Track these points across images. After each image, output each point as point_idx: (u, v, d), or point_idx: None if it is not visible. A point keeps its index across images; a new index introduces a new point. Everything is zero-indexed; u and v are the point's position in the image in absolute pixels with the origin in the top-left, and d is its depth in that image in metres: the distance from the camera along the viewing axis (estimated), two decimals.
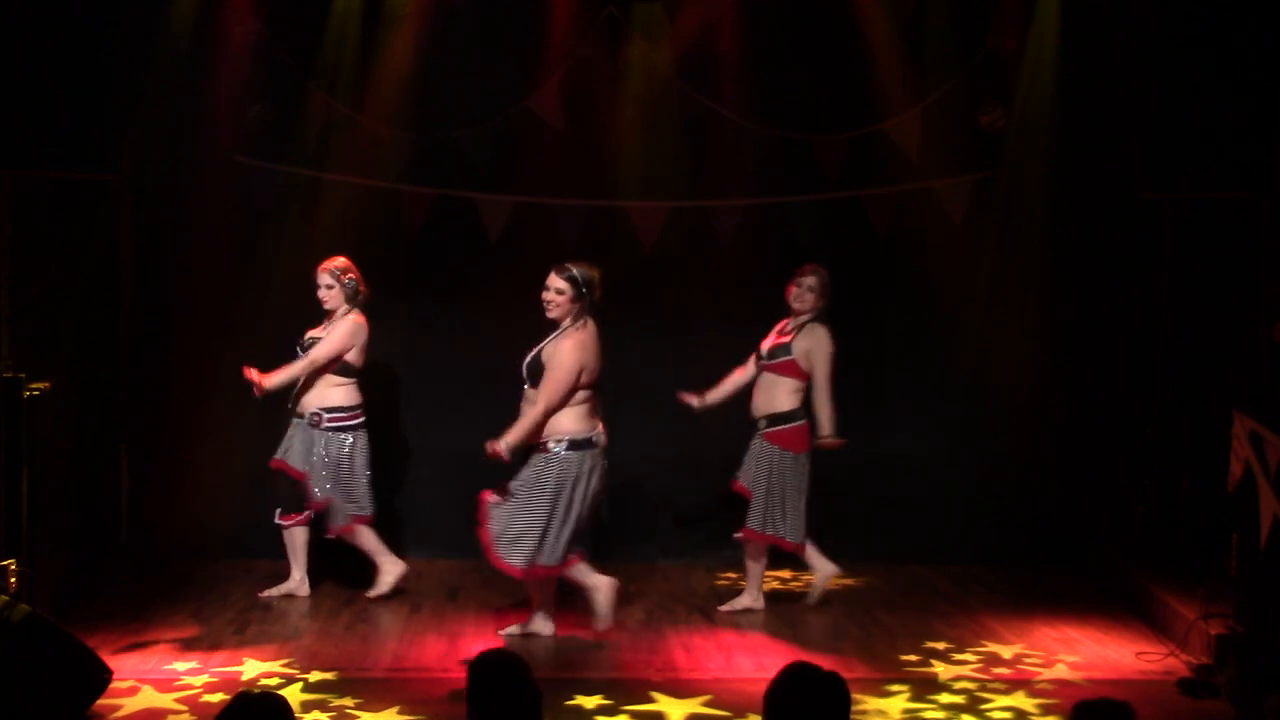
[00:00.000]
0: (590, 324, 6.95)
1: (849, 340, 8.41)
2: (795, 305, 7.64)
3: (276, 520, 7.79)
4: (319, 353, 7.64)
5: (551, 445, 6.87)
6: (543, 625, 7.18)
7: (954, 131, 8.62)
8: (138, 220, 8.57)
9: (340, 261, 7.73)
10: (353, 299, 7.74)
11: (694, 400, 7.78)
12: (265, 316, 8.36)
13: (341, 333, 7.66)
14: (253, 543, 8.46)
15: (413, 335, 8.58)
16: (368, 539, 7.80)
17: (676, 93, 8.58)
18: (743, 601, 7.77)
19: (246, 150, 8.42)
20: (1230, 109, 7.36)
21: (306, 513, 7.74)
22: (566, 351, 6.83)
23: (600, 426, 6.97)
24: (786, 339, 7.61)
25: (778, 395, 7.60)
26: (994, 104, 8.58)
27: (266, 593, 7.83)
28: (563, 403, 6.82)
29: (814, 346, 7.57)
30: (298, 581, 7.85)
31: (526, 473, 6.91)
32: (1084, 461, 8.77)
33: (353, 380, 7.74)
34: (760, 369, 7.68)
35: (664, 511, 8.80)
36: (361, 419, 7.75)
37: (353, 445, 7.70)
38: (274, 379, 7.56)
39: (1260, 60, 7.30)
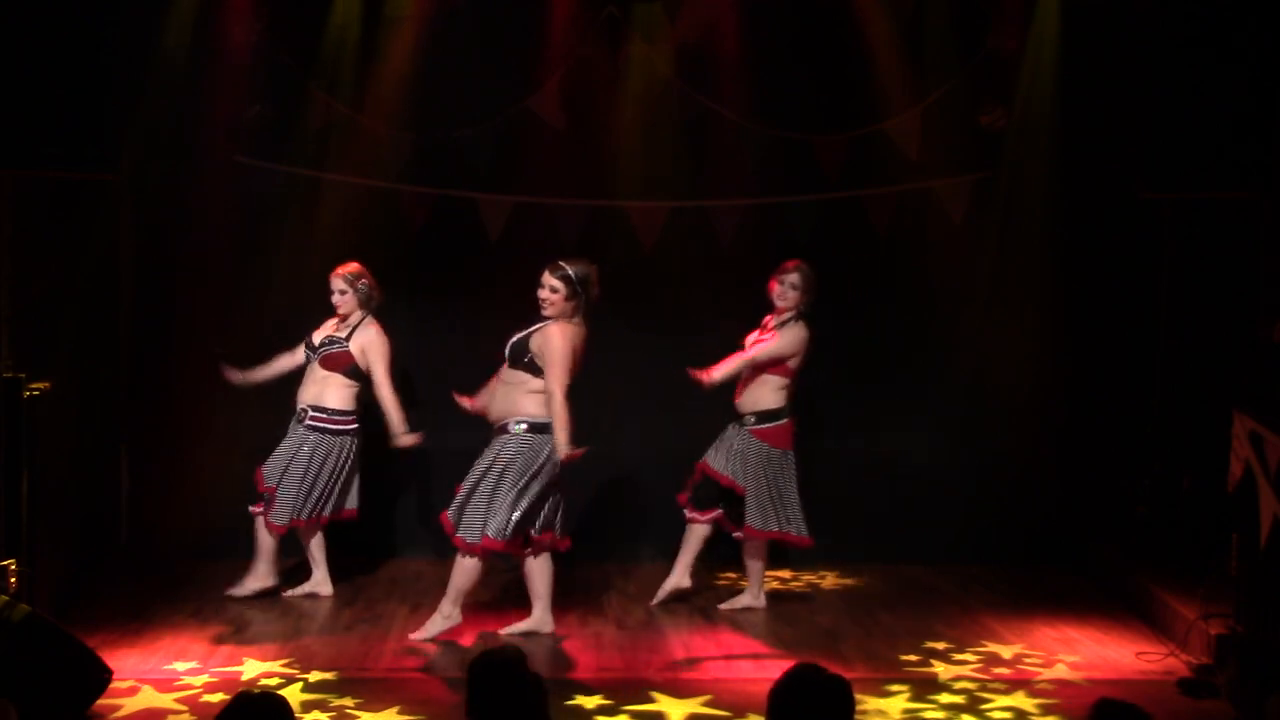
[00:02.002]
0: (581, 324, 6.97)
1: (849, 340, 8.46)
2: (779, 303, 7.63)
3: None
4: (379, 377, 7.66)
5: (511, 426, 6.97)
6: (541, 622, 7.18)
7: (954, 131, 8.62)
8: (138, 220, 8.57)
9: (354, 267, 7.75)
10: (366, 304, 7.76)
11: (705, 376, 7.68)
12: (265, 316, 8.37)
13: (381, 346, 7.71)
14: (253, 543, 8.45)
15: (412, 335, 8.57)
16: (316, 543, 7.86)
17: (676, 93, 8.57)
18: (743, 600, 7.77)
19: (246, 150, 8.42)
20: (1230, 109, 7.36)
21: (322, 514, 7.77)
22: (556, 335, 6.92)
23: None
24: (769, 337, 7.60)
25: (764, 392, 7.60)
26: (994, 104, 8.57)
27: (289, 592, 7.85)
28: (564, 385, 6.86)
29: (785, 331, 7.56)
30: (318, 581, 7.87)
31: (486, 453, 7.00)
32: (1084, 461, 8.77)
33: (357, 385, 7.76)
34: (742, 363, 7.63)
35: (664, 511, 8.78)
36: (356, 425, 7.78)
37: (339, 449, 7.71)
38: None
39: (1260, 60, 7.30)
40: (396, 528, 8.75)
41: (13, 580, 6.38)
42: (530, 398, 6.96)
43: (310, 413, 7.70)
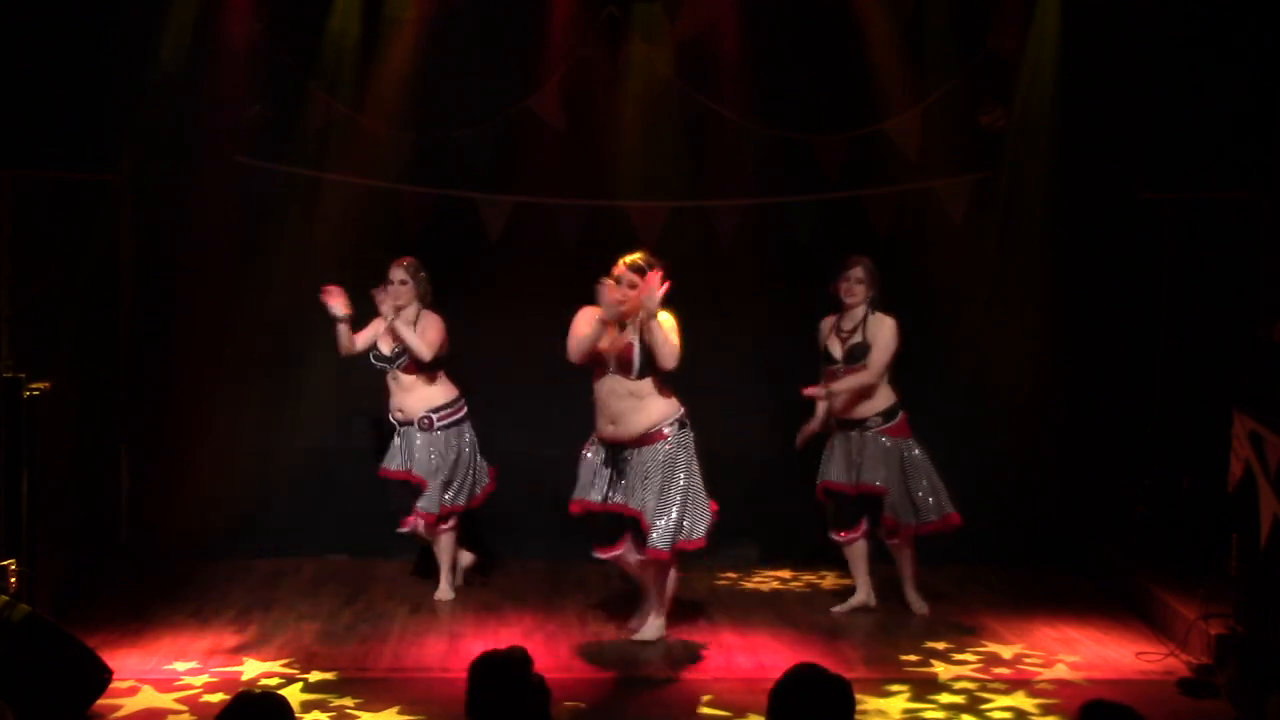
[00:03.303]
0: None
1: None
2: (847, 299, 7.62)
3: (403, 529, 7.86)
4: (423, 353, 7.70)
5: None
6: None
7: (954, 131, 8.62)
8: (138, 220, 8.56)
9: (412, 259, 7.80)
10: (424, 297, 7.82)
11: (819, 392, 7.62)
12: (265, 316, 8.37)
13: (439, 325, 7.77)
14: (253, 543, 8.47)
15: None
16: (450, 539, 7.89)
17: (676, 93, 8.57)
18: (859, 599, 7.78)
19: (246, 150, 8.42)
20: (1230, 109, 7.35)
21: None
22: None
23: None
24: (857, 337, 7.57)
25: (877, 393, 7.60)
26: (994, 104, 8.58)
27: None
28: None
29: (878, 329, 7.57)
30: (444, 585, 7.90)
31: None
32: (1084, 461, 8.77)
33: (441, 370, 7.83)
34: (843, 372, 7.59)
35: None
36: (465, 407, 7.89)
37: (469, 433, 7.84)
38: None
39: (1260, 60, 7.30)
40: (395, 527, 8.74)
41: (13, 580, 6.38)
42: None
43: (434, 418, 7.73)
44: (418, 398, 7.75)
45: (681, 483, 6.89)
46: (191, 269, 8.50)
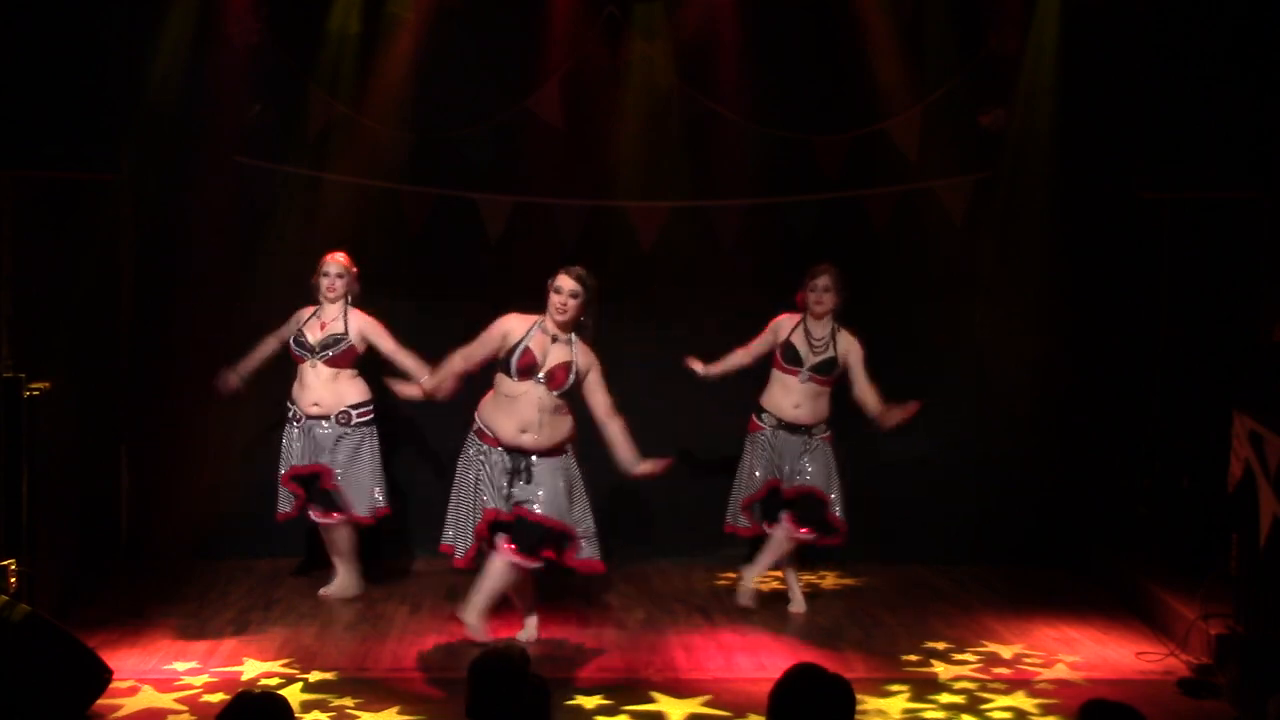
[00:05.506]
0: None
1: None
2: (816, 309, 7.64)
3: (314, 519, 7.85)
4: (391, 348, 7.75)
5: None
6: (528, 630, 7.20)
7: (954, 131, 8.62)
8: (138, 220, 8.57)
9: (346, 254, 7.82)
10: (355, 292, 7.85)
11: (699, 366, 7.72)
12: (265, 316, 8.36)
13: (377, 324, 7.82)
14: (253, 543, 8.47)
15: (412, 336, 8.55)
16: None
17: (676, 93, 8.58)
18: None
19: (246, 150, 8.42)
20: (1230, 109, 7.36)
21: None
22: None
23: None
24: (830, 352, 7.62)
25: (823, 403, 7.69)
26: (994, 104, 8.58)
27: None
28: None
29: (849, 348, 7.64)
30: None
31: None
32: (1084, 461, 8.77)
33: (358, 372, 7.85)
34: (807, 379, 7.62)
35: (663, 511, 8.80)
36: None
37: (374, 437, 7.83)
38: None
39: (1260, 60, 7.30)
40: (396, 527, 8.74)
41: (13, 580, 6.38)
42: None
43: (353, 414, 7.74)
44: (336, 392, 7.75)
45: (583, 497, 6.96)
46: (191, 269, 8.49)
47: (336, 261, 7.78)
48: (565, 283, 6.87)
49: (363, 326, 7.77)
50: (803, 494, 7.64)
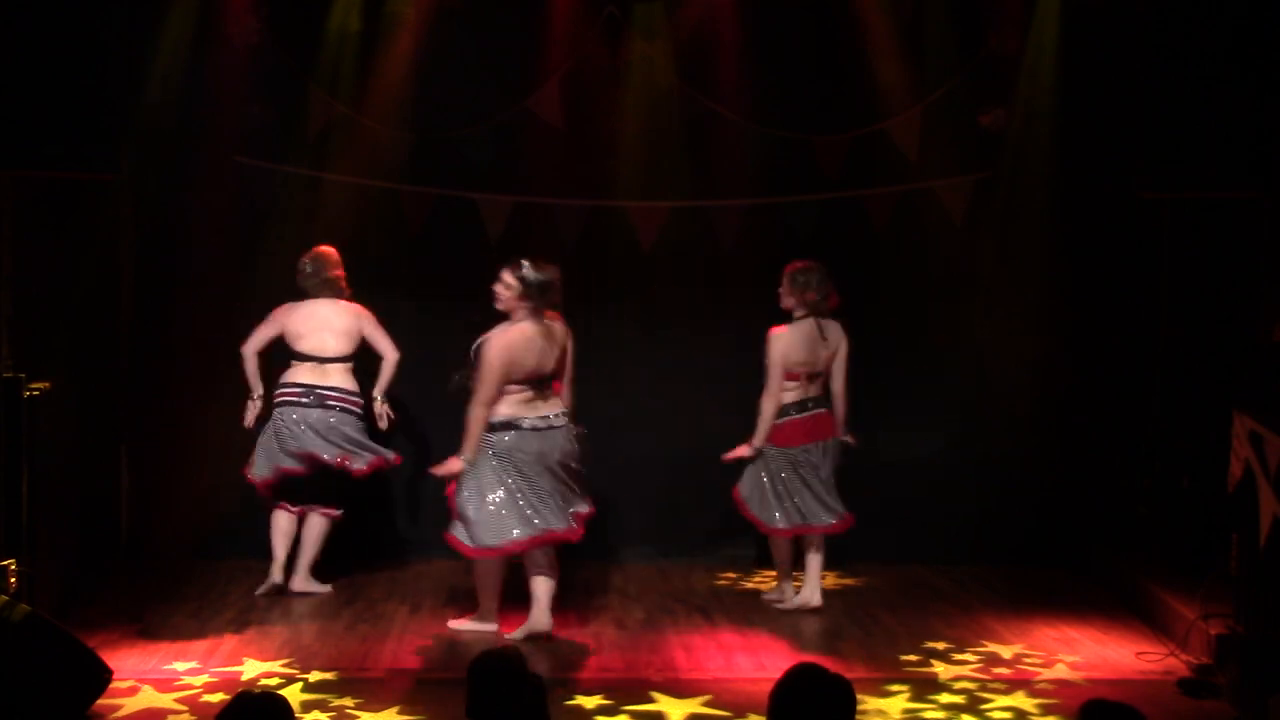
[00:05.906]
0: (528, 324, 6.96)
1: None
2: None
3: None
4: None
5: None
6: (485, 623, 7.19)
7: (954, 131, 8.63)
8: (138, 220, 8.57)
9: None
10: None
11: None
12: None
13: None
14: (252, 543, 8.46)
15: (413, 335, 8.56)
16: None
17: (676, 93, 8.58)
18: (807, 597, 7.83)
19: (246, 150, 8.42)
20: (1230, 109, 7.36)
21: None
22: (492, 349, 6.91)
23: (547, 411, 6.95)
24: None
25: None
26: (994, 104, 8.58)
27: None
28: (490, 396, 6.89)
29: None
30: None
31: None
32: (1084, 461, 8.77)
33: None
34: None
35: (664, 511, 8.80)
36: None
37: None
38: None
39: (1260, 60, 7.30)
40: (396, 527, 8.75)
41: (13, 580, 6.38)
42: (502, 400, 7.01)
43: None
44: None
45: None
46: (191, 269, 8.50)
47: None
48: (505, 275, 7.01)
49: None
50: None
